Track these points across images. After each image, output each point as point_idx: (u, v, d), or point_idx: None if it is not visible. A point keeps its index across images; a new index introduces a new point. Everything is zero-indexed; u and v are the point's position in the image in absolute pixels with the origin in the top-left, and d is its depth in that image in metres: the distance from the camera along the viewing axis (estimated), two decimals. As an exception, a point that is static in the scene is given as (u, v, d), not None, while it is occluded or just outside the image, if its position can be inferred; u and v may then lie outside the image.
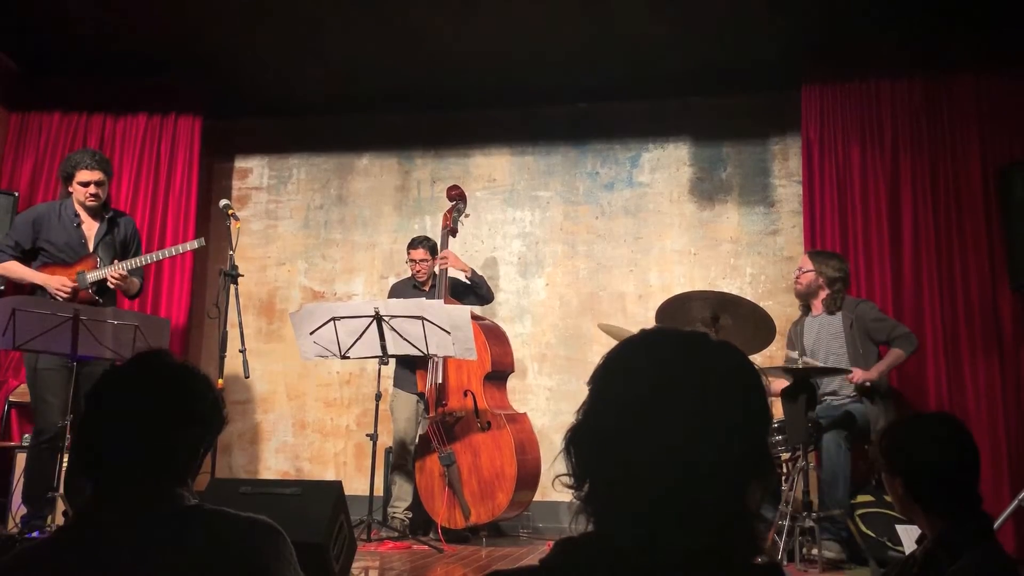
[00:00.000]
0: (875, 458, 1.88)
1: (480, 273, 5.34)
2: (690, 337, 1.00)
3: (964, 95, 5.02)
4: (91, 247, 4.40)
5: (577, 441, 0.98)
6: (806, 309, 4.67)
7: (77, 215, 4.40)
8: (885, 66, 5.16)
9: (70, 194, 4.41)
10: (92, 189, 4.35)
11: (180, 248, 4.76)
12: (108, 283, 4.32)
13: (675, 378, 0.95)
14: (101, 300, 4.31)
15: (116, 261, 4.40)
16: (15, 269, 4.31)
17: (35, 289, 4.28)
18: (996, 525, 2.69)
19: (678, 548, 0.89)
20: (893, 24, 4.96)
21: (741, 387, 0.97)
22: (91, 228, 4.43)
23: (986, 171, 4.90)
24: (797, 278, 4.64)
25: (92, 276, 4.31)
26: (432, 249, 5.22)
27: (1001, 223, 4.77)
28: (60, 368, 4.05)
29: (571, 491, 0.97)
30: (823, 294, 4.52)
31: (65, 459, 4.03)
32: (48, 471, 3.98)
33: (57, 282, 4.24)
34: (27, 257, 4.37)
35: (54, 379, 4.08)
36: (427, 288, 5.20)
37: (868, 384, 4.27)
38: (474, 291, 5.18)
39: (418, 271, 5.20)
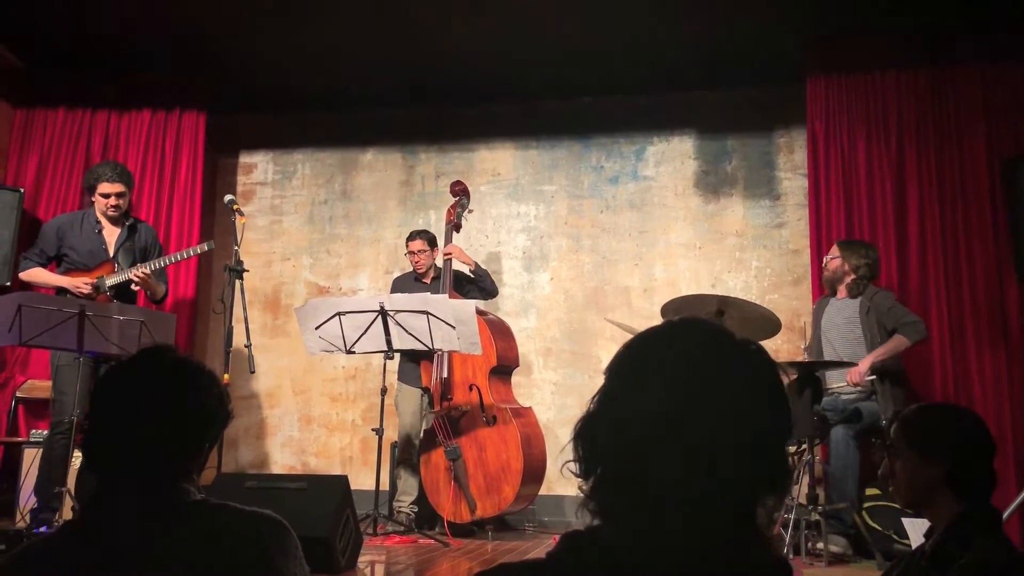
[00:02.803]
0: (896, 441, 1.86)
1: (484, 267, 5.34)
2: (714, 332, 0.97)
3: (970, 87, 4.99)
4: (111, 252, 4.60)
5: (589, 432, 0.96)
6: (832, 292, 4.71)
7: (99, 222, 4.65)
8: (890, 58, 5.14)
9: (93, 203, 4.66)
10: (113, 200, 4.60)
11: (190, 251, 4.91)
12: (132, 282, 4.48)
13: (697, 375, 0.93)
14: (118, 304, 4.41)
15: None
16: (40, 275, 4.55)
17: (59, 292, 4.42)
18: (1004, 517, 2.69)
19: (685, 546, 0.89)
20: (898, 15, 4.93)
21: (764, 389, 0.95)
22: (112, 234, 4.66)
23: (992, 163, 4.88)
24: (825, 264, 4.69)
25: (111, 280, 4.50)
26: (430, 240, 5.22)
27: (1007, 215, 4.75)
28: (82, 364, 4.08)
29: (578, 481, 0.96)
30: (848, 279, 4.57)
31: (75, 454, 4.07)
32: (61, 465, 4.02)
33: (77, 282, 4.44)
34: (52, 264, 4.60)
35: (71, 374, 4.13)
36: (428, 280, 5.21)
37: (870, 378, 4.27)
38: (477, 284, 5.17)
39: (416, 262, 5.21)
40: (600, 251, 5.92)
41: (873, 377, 4.29)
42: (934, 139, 5.01)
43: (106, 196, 4.58)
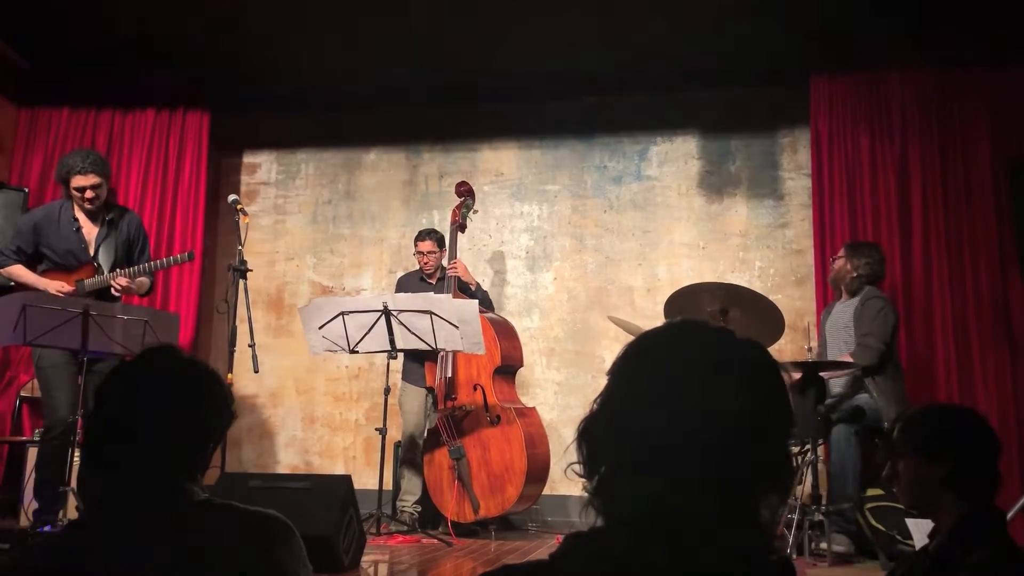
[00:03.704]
0: (899, 443, 1.86)
1: (484, 289, 5.35)
2: (715, 333, 0.98)
3: (974, 86, 4.99)
4: (92, 251, 4.37)
5: (592, 432, 0.97)
6: (838, 294, 4.72)
7: (76, 219, 4.35)
8: (894, 57, 5.14)
9: (70, 197, 4.36)
10: (88, 194, 4.29)
11: (170, 261, 4.60)
12: (112, 291, 4.31)
13: (700, 376, 0.93)
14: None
15: (120, 268, 4.36)
16: (20, 273, 4.32)
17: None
18: (1008, 518, 2.69)
19: (688, 547, 0.89)
20: (902, 14, 4.92)
21: (765, 388, 0.95)
22: (91, 232, 4.39)
23: (996, 163, 4.87)
24: (832, 265, 4.72)
25: (90, 284, 4.30)
26: (439, 241, 5.22)
27: (1012, 215, 4.74)
28: (66, 364, 4.07)
29: (582, 481, 0.96)
30: (848, 278, 4.58)
31: (76, 454, 4.07)
32: (59, 466, 4.01)
33: (55, 286, 4.22)
34: (32, 260, 4.37)
35: (60, 375, 4.10)
36: (434, 281, 5.20)
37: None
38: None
39: (425, 263, 5.20)
40: (603, 251, 5.92)
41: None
42: (938, 139, 5.00)
43: (80, 190, 4.26)
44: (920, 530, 2.83)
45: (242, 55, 5.68)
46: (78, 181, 4.26)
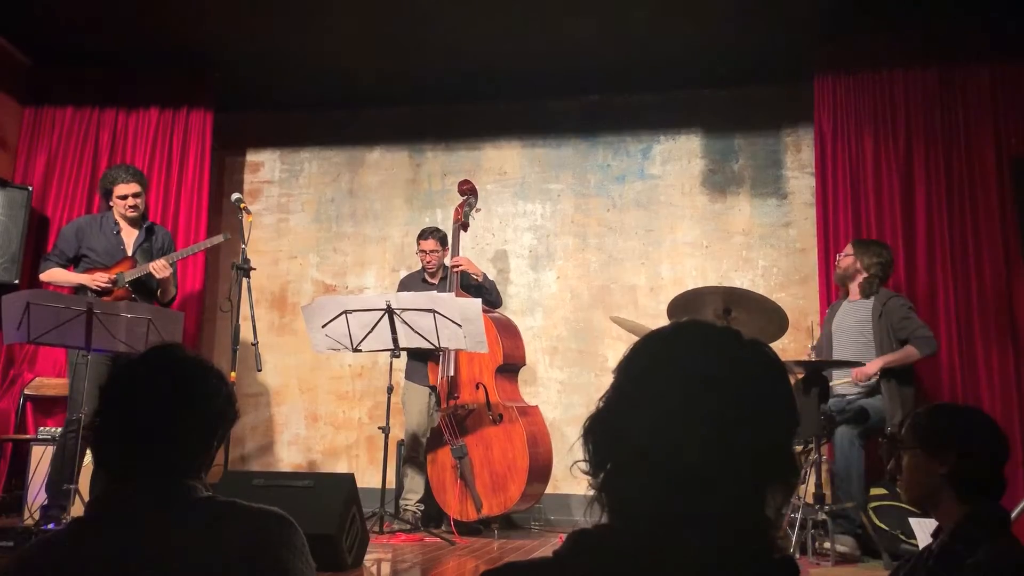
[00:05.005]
0: (905, 437, 1.86)
1: (491, 279, 5.34)
2: (721, 333, 0.99)
3: (979, 85, 4.98)
4: (129, 252, 4.65)
5: (597, 429, 0.97)
6: (844, 293, 4.73)
7: (117, 224, 4.69)
8: (899, 56, 5.13)
9: (111, 207, 4.69)
10: (131, 201, 4.65)
11: (207, 243, 4.95)
12: (155, 275, 4.54)
13: (704, 374, 0.94)
14: (137, 300, 4.49)
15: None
16: (58, 275, 4.59)
17: (78, 290, 4.47)
18: (1012, 518, 2.68)
19: (694, 544, 0.89)
20: (907, 13, 4.91)
21: (770, 388, 0.96)
22: (130, 236, 4.71)
23: (1000, 161, 4.86)
24: (838, 262, 4.71)
25: (129, 274, 4.54)
26: (442, 240, 5.21)
27: (1016, 214, 4.73)
28: (98, 361, 4.10)
29: (585, 480, 0.97)
30: (859, 278, 4.57)
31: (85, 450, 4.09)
32: (70, 462, 4.03)
33: (94, 277, 4.48)
34: (72, 264, 4.64)
35: (88, 372, 4.13)
36: (436, 280, 5.20)
37: (873, 378, 4.27)
38: (484, 296, 4.98)
39: (428, 262, 5.20)
40: (606, 250, 5.92)
41: (876, 376, 4.29)
42: (942, 137, 4.99)
43: (123, 197, 4.64)
44: (924, 529, 2.82)
45: (246, 54, 5.68)
46: (121, 189, 4.64)
